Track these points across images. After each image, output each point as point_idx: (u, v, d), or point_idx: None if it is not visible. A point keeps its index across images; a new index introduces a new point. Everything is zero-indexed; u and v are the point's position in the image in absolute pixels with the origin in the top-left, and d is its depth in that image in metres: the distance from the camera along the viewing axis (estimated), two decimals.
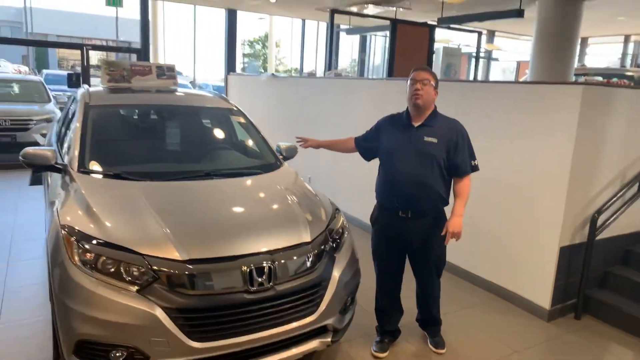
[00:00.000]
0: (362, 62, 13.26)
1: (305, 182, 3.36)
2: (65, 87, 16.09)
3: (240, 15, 11.66)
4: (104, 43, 23.41)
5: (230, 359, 2.31)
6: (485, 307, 3.89)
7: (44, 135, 8.91)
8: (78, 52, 8.66)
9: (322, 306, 2.54)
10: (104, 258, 2.26)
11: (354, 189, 5.27)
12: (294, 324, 2.43)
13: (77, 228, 2.40)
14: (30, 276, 3.99)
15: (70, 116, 4.09)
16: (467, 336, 3.42)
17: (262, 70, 25.68)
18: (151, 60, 10.12)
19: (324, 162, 6.09)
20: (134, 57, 10.11)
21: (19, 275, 3.97)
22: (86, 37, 25.04)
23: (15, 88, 9.70)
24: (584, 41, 15.21)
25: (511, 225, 3.92)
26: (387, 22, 9.64)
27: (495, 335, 3.46)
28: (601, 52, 16.71)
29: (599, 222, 3.63)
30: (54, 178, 3.30)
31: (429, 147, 2.85)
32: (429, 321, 3.27)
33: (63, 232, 2.40)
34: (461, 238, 2.88)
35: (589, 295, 3.80)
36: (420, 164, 2.85)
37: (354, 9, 9.94)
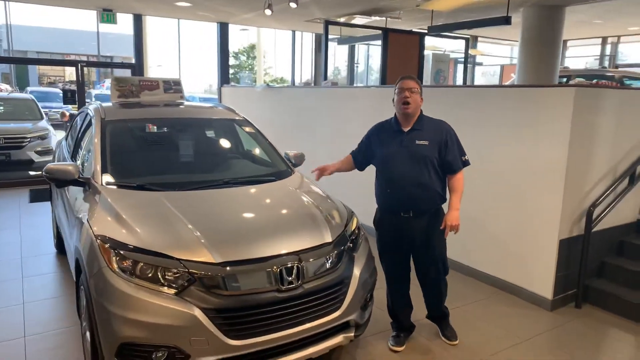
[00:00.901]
0: (352, 70, 13.54)
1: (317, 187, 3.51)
2: (51, 105, 16.07)
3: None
4: (86, 58, 23.32)
5: (263, 356, 2.44)
6: (490, 300, 4.07)
7: (38, 153, 8.97)
8: (58, 68, 8.75)
9: (346, 303, 2.68)
10: (142, 264, 2.37)
11: (359, 194, 5.41)
12: (321, 320, 2.57)
13: (112, 237, 2.51)
14: (46, 290, 4.05)
15: (80, 132, 4.17)
16: (475, 328, 3.58)
17: (248, 81, 25.77)
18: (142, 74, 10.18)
19: None
20: (125, 72, 10.15)
21: (35, 290, 4.03)
22: (65, 53, 24.79)
23: (7, 106, 9.68)
24: (564, 44, 15.68)
25: (512, 221, 4.11)
26: (379, 32, 9.89)
27: (502, 326, 3.63)
28: (578, 53, 17.21)
29: (595, 214, 3.85)
30: (73, 193, 3.38)
31: (421, 150, 3.03)
32: (439, 316, 3.43)
33: (98, 241, 2.51)
34: (465, 235, 3.05)
35: (588, 285, 4.00)
36: (415, 166, 3.03)
37: (343, 19, 10.17)
